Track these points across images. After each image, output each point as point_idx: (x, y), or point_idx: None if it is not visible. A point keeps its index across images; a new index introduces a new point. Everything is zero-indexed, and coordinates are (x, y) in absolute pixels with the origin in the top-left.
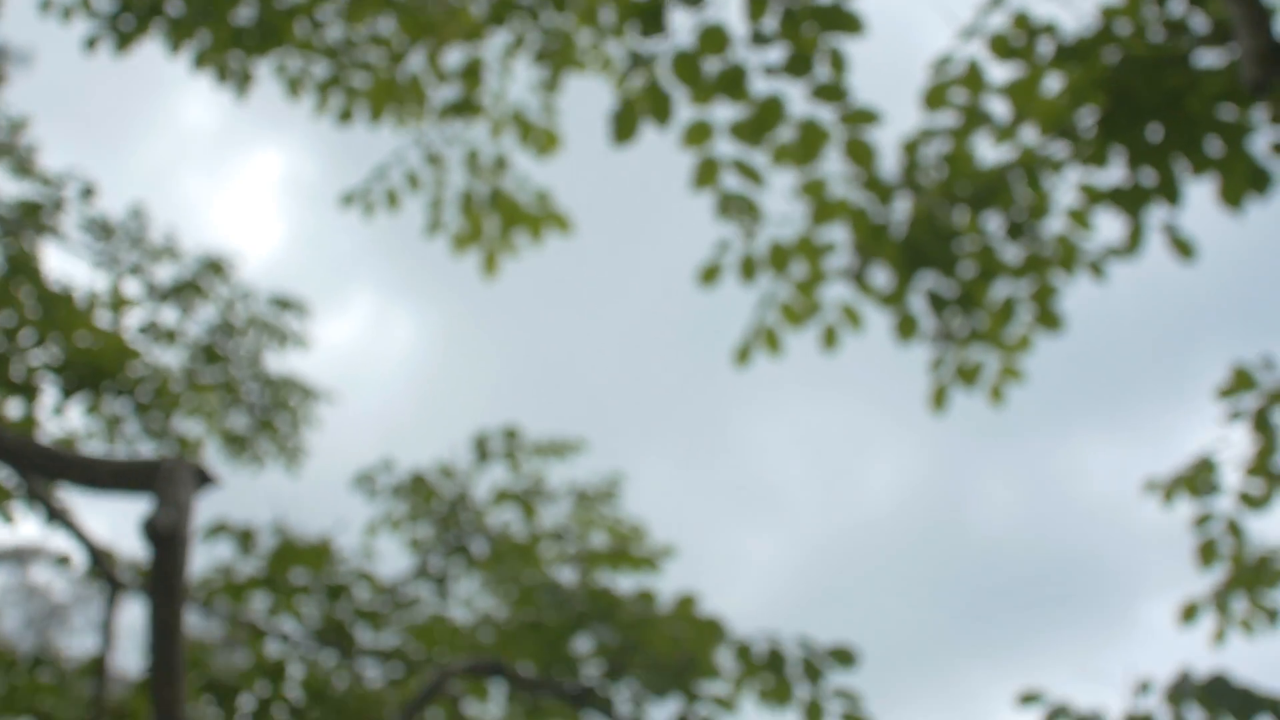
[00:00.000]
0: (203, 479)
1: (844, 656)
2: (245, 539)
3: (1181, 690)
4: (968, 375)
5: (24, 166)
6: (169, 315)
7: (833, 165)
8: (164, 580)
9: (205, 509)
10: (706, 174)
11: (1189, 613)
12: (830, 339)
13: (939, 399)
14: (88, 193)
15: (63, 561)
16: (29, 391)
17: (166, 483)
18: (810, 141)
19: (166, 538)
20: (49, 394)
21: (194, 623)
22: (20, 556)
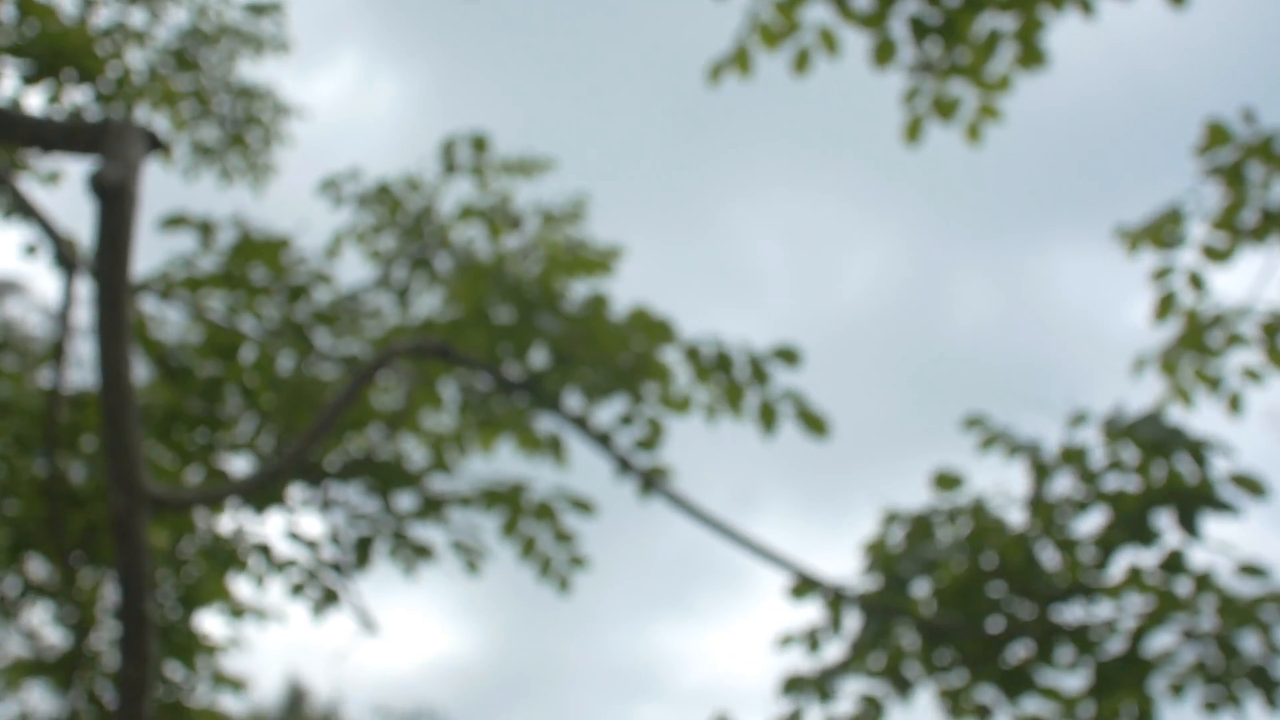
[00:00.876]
0: (153, 142)
1: (788, 355)
2: (205, 231)
3: (1116, 424)
4: (945, 109)
5: None
6: (138, 18)
7: None
8: (110, 237)
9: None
10: None
11: (1138, 366)
12: (803, 62)
13: (913, 131)
14: None
15: (30, 251)
16: None
17: (115, 141)
18: None
19: (114, 192)
20: (8, 80)
21: (152, 311)
22: None
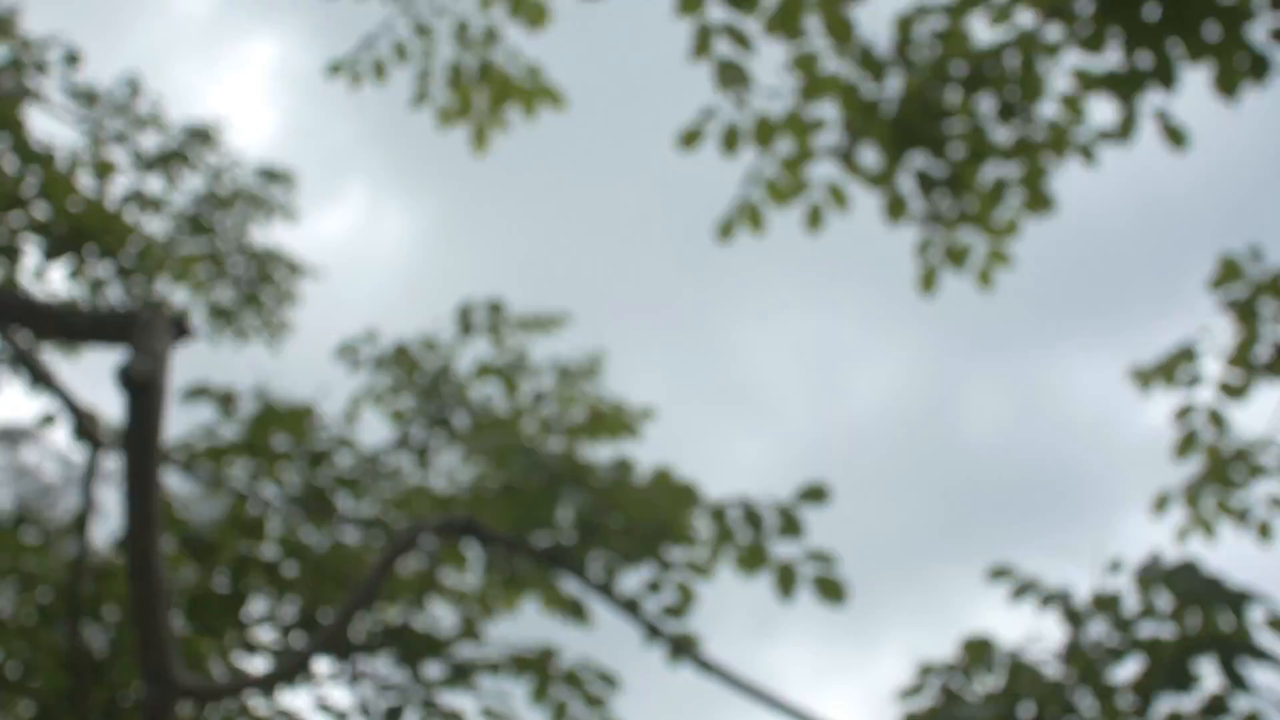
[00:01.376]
0: (180, 330)
1: (815, 494)
2: (226, 402)
3: (1151, 573)
4: (956, 258)
5: (3, 28)
6: (154, 185)
7: (824, 41)
8: (139, 429)
9: (187, 376)
10: (702, 42)
11: (1160, 503)
12: (815, 219)
13: (928, 281)
14: (72, 59)
15: (48, 421)
16: (10, 253)
17: (143, 333)
18: (790, 11)
19: (142, 386)
20: (31, 256)
21: (174, 484)
22: (11, 437)
